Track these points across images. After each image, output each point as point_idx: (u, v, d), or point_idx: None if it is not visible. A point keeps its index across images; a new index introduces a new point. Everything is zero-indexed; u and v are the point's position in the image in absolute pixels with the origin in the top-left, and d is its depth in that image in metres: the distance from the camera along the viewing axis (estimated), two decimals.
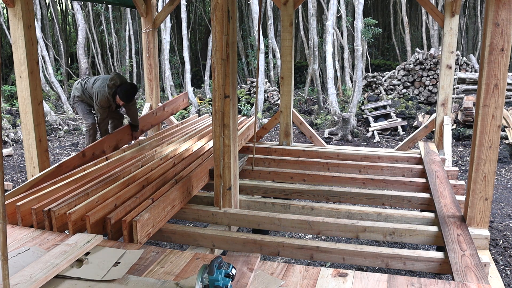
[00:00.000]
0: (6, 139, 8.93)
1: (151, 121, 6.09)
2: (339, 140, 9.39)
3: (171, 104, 6.65)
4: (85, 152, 4.61)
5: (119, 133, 5.29)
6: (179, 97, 7.00)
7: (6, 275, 1.67)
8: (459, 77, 11.49)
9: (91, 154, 4.70)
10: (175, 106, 6.77)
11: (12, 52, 4.37)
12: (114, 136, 5.18)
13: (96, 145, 4.85)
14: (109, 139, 5.08)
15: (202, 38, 21.27)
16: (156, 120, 6.23)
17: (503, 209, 5.52)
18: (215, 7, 3.32)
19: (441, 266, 2.95)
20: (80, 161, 4.47)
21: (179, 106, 6.98)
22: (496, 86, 3.13)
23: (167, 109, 6.47)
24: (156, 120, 6.23)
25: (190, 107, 12.52)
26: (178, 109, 6.98)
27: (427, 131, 6.25)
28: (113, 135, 5.18)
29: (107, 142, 5.03)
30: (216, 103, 3.48)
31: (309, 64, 13.59)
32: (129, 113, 5.35)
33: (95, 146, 4.81)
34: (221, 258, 2.21)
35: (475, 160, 3.28)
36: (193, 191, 3.92)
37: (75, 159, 4.42)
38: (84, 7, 16.51)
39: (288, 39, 5.70)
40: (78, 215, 2.93)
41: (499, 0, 3.03)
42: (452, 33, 5.68)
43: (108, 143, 5.05)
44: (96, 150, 4.79)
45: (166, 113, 6.46)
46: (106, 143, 5.01)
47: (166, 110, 6.47)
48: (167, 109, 6.49)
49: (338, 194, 4.29)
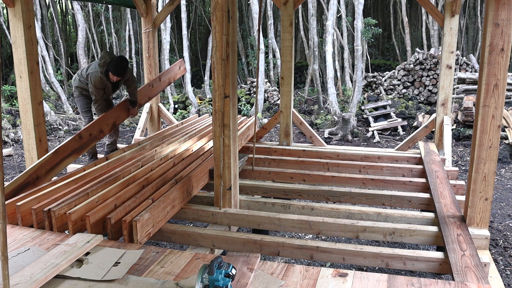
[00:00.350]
0: (6, 139, 8.93)
1: (148, 94, 5.91)
2: (339, 140, 9.39)
3: (167, 74, 6.38)
4: (81, 134, 4.45)
5: (116, 110, 5.12)
6: (175, 65, 6.67)
7: (6, 275, 1.67)
8: (459, 77, 11.49)
9: (88, 135, 4.54)
10: (172, 75, 6.47)
11: (12, 52, 4.36)
12: (111, 114, 5.01)
13: (93, 126, 4.68)
14: (106, 118, 4.92)
15: (202, 38, 21.27)
16: (153, 92, 6.00)
17: (503, 209, 5.52)
18: (215, 7, 3.32)
19: (441, 266, 2.95)
20: (77, 144, 4.35)
21: (176, 74, 6.65)
22: (496, 86, 3.13)
23: (163, 79, 6.22)
24: (153, 92, 6.00)
25: (190, 107, 12.52)
26: (175, 77, 6.64)
27: (427, 131, 6.25)
28: (110, 113, 5.00)
29: (104, 121, 4.87)
30: (216, 103, 3.48)
31: (309, 64, 13.59)
32: (129, 89, 5.25)
33: (92, 127, 4.64)
34: (221, 258, 2.21)
35: (475, 160, 3.28)
36: (193, 191, 3.92)
37: (72, 142, 4.29)
38: (84, 7, 16.51)
39: (288, 39, 5.70)
40: (78, 215, 2.93)
41: (499, 0, 3.03)
42: (452, 33, 5.68)
43: (105, 122, 4.89)
44: (93, 131, 4.64)
45: (163, 83, 6.22)
46: (103, 122, 4.84)
47: (163, 81, 6.21)
48: (164, 79, 6.23)
49: (338, 194, 4.29)
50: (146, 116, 6.66)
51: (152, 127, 6.83)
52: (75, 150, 4.28)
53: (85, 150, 4.64)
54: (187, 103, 12.84)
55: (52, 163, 3.93)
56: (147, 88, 5.89)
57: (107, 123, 4.93)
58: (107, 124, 4.93)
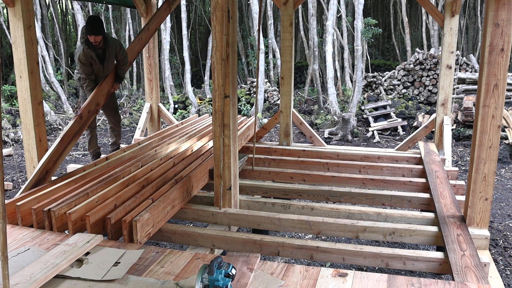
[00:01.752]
0: (6, 139, 8.93)
1: (138, 48, 5.54)
2: (339, 140, 9.39)
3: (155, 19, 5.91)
4: (81, 114, 4.36)
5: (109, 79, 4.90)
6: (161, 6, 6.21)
7: (6, 275, 1.67)
8: (459, 77, 11.49)
9: (87, 113, 4.46)
10: (159, 20, 6.04)
11: (12, 52, 4.36)
12: (105, 84, 4.81)
13: (90, 102, 4.55)
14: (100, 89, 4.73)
15: (202, 38, 21.27)
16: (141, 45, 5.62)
17: (503, 209, 5.52)
18: (215, 7, 3.32)
19: (441, 266, 2.95)
20: (79, 125, 4.28)
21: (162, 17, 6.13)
22: (496, 86, 3.13)
23: (151, 27, 5.79)
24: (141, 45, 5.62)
25: (190, 107, 12.52)
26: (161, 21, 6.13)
27: (427, 131, 6.25)
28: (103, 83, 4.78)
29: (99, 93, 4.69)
30: (216, 103, 3.48)
31: (309, 64, 13.59)
32: (119, 65, 4.99)
33: (89, 104, 4.52)
34: (221, 258, 2.21)
35: (475, 160, 3.28)
36: (193, 191, 3.92)
37: (74, 125, 4.23)
38: (84, 7, 16.51)
39: (288, 39, 5.70)
40: (78, 215, 2.93)
41: (499, 0, 3.03)
42: (452, 33, 5.68)
43: (101, 93, 4.72)
44: (91, 107, 4.54)
45: (151, 31, 5.81)
46: (98, 94, 4.67)
47: (151, 29, 5.79)
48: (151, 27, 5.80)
49: (338, 194, 4.29)
50: (146, 116, 6.66)
51: (152, 127, 6.83)
52: (77, 132, 4.23)
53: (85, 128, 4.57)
54: (187, 103, 12.84)
55: (58, 152, 3.92)
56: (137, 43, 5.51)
57: (102, 93, 4.76)
58: (102, 95, 4.76)
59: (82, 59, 4.65)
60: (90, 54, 4.65)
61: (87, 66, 4.71)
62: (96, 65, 4.76)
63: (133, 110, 12.72)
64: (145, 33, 5.69)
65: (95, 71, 4.84)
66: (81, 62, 4.66)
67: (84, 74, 4.72)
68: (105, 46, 4.73)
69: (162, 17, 6.13)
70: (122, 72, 5.01)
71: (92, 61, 4.71)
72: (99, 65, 4.79)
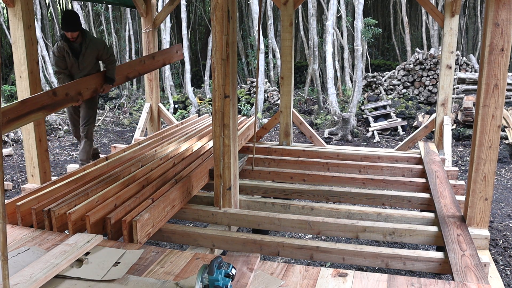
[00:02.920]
0: (6, 139, 8.93)
1: (139, 69, 5.63)
2: (339, 140, 9.39)
3: (162, 54, 6.14)
4: (56, 91, 4.14)
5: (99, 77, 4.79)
6: (173, 47, 6.44)
7: (6, 275, 1.67)
8: (459, 77, 11.49)
9: (64, 95, 4.22)
10: (167, 57, 6.20)
11: (12, 52, 4.37)
12: (94, 80, 4.69)
13: (72, 85, 4.35)
14: (88, 81, 4.59)
15: (202, 38, 21.27)
16: (144, 68, 5.71)
17: (503, 209, 5.52)
18: (215, 7, 3.32)
19: (441, 266, 2.95)
20: (50, 100, 4.00)
21: (172, 57, 6.35)
22: (496, 86, 3.13)
23: (157, 59, 5.95)
24: (144, 68, 5.71)
25: (190, 107, 12.52)
26: (170, 60, 6.38)
27: (427, 131, 6.25)
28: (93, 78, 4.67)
29: (84, 84, 4.53)
30: (216, 103, 3.48)
31: (309, 64, 13.59)
32: (106, 66, 4.89)
33: (69, 86, 4.31)
34: (221, 258, 2.21)
35: (475, 160, 3.28)
36: (193, 191, 3.92)
37: (44, 96, 3.95)
38: (84, 7, 16.51)
39: (288, 39, 5.70)
40: (78, 215, 2.93)
41: (499, 0, 3.03)
42: (452, 33, 5.68)
43: (86, 85, 4.57)
44: (70, 91, 4.31)
45: (156, 62, 5.93)
46: (83, 85, 4.50)
47: (157, 60, 5.94)
48: (158, 58, 5.97)
49: (338, 194, 4.29)
50: (146, 116, 6.66)
51: (152, 127, 6.83)
52: (46, 106, 3.93)
53: (58, 109, 4.33)
54: (187, 103, 12.84)
55: (17, 112, 3.65)
56: (138, 63, 5.63)
57: (88, 87, 4.56)
58: (88, 88, 4.55)
59: (55, 51, 4.57)
60: (63, 46, 4.52)
61: (60, 59, 4.59)
62: (69, 58, 4.61)
63: (133, 110, 12.72)
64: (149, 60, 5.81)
65: (69, 66, 4.68)
66: (54, 54, 4.59)
67: (57, 67, 4.61)
68: (83, 41, 4.60)
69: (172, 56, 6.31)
70: (111, 73, 4.88)
71: (65, 54, 4.58)
72: (73, 59, 4.63)
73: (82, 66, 4.70)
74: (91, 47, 4.67)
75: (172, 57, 6.33)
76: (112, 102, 13.70)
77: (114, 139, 9.77)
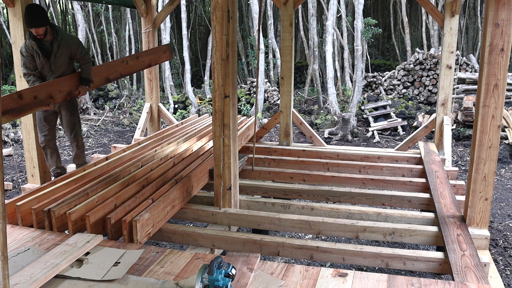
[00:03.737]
0: (6, 139, 8.93)
1: (121, 70, 5.16)
2: (339, 140, 9.39)
3: (148, 55, 5.67)
4: (22, 93, 3.71)
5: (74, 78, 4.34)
6: (160, 47, 5.99)
7: (6, 275, 1.67)
8: (459, 77, 11.49)
9: (32, 98, 3.80)
10: (153, 57, 5.73)
11: (12, 52, 4.35)
12: (69, 81, 4.26)
13: (42, 88, 3.95)
14: (60, 83, 4.16)
15: (202, 38, 21.27)
16: (127, 69, 5.27)
17: (503, 209, 5.52)
18: (215, 7, 3.32)
19: (441, 266, 2.95)
20: (15, 104, 3.62)
21: (159, 58, 5.88)
22: (496, 86, 3.13)
23: (142, 59, 5.49)
24: (127, 69, 5.27)
25: (190, 107, 12.52)
26: (157, 61, 5.92)
27: (427, 131, 6.25)
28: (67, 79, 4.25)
29: (57, 85, 4.09)
30: (216, 103, 3.48)
31: (309, 64, 13.59)
32: (81, 66, 4.39)
33: (39, 88, 3.91)
34: (221, 258, 2.21)
35: (475, 160, 3.28)
36: (193, 191, 3.92)
37: (8, 100, 3.55)
38: (84, 7, 16.51)
39: (288, 39, 5.70)
40: (78, 215, 2.93)
41: (499, 0, 3.03)
42: (452, 33, 5.68)
43: (58, 87, 4.11)
44: (40, 94, 3.88)
45: (141, 63, 5.48)
46: (55, 87, 4.07)
47: (141, 60, 5.47)
48: (143, 59, 5.51)
49: (338, 194, 4.29)
50: (146, 116, 6.66)
51: (152, 127, 6.83)
52: (9, 111, 3.55)
53: (25, 114, 3.97)
54: (187, 103, 12.84)
55: None
56: (119, 64, 5.18)
57: (61, 89, 4.10)
58: (61, 91, 4.10)
59: (23, 50, 4.09)
60: (32, 45, 4.05)
61: (29, 60, 4.11)
62: (39, 59, 4.12)
63: (133, 110, 12.72)
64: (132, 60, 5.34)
65: (39, 67, 4.18)
66: (21, 54, 4.11)
67: (25, 69, 4.13)
68: (54, 39, 4.12)
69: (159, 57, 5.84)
70: (87, 74, 4.38)
71: (35, 53, 4.10)
72: (43, 59, 4.13)
73: (54, 67, 4.20)
74: (63, 45, 4.17)
75: (159, 57, 5.91)
76: (112, 102, 13.69)
77: (114, 139, 9.77)
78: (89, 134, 10.03)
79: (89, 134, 10.03)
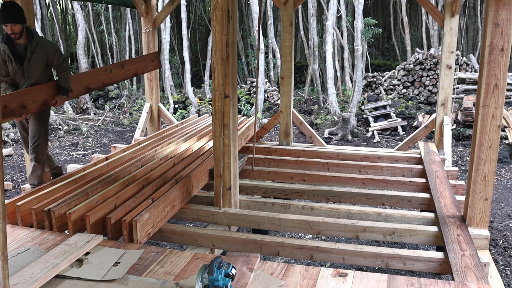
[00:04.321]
0: (6, 139, 8.93)
1: (103, 79, 4.92)
2: (339, 140, 9.39)
3: (133, 63, 5.49)
4: None
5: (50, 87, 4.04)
6: (148, 55, 5.82)
7: (6, 275, 1.67)
8: (459, 77, 11.49)
9: (2, 107, 3.44)
10: (140, 66, 5.54)
11: None
12: (44, 90, 3.96)
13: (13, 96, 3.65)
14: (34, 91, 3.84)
15: (202, 38, 21.27)
16: (110, 78, 5.04)
17: (503, 209, 5.52)
18: (215, 7, 3.32)
19: (441, 266, 2.95)
20: None
21: (147, 67, 5.69)
22: (496, 86, 3.13)
23: (127, 68, 5.29)
24: (110, 78, 5.04)
25: (190, 107, 12.52)
26: (144, 70, 5.72)
27: (427, 131, 6.25)
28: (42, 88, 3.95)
29: (30, 94, 3.79)
30: (216, 103, 3.48)
31: (309, 64, 13.59)
32: (58, 74, 4.08)
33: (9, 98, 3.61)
34: (221, 258, 2.21)
35: (475, 160, 3.28)
36: (193, 191, 3.92)
37: None
38: (84, 7, 16.51)
39: (288, 39, 5.70)
40: (78, 215, 2.93)
41: (499, 0, 3.03)
42: (452, 33, 5.68)
43: (32, 96, 3.81)
44: (11, 103, 3.59)
45: (126, 72, 5.28)
46: (28, 96, 3.78)
47: (127, 69, 5.27)
48: (128, 67, 5.31)
49: (338, 194, 4.29)
50: (146, 116, 6.66)
51: (152, 127, 6.83)
52: None
53: None
54: (187, 103, 12.84)
55: None
56: (103, 72, 4.95)
57: (35, 98, 3.80)
58: (34, 100, 3.79)
59: None
60: (4, 49, 3.73)
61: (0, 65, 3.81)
62: (12, 64, 3.79)
63: (133, 110, 12.72)
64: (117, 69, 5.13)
65: (12, 73, 3.85)
66: None
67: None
68: (28, 43, 3.80)
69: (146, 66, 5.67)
70: (65, 82, 4.05)
71: (7, 58, 3.78)
72: (16, 65, 3.80)
73: (27, 73, 3.86)
74: (39, 50, 3.85)
75: (147, 66, 5.71)
76: (112, 102, 13.70)
77: (114, 139, 9.77)
78: (89, 134, 10.04)
79: (89, 134, 10.04)
